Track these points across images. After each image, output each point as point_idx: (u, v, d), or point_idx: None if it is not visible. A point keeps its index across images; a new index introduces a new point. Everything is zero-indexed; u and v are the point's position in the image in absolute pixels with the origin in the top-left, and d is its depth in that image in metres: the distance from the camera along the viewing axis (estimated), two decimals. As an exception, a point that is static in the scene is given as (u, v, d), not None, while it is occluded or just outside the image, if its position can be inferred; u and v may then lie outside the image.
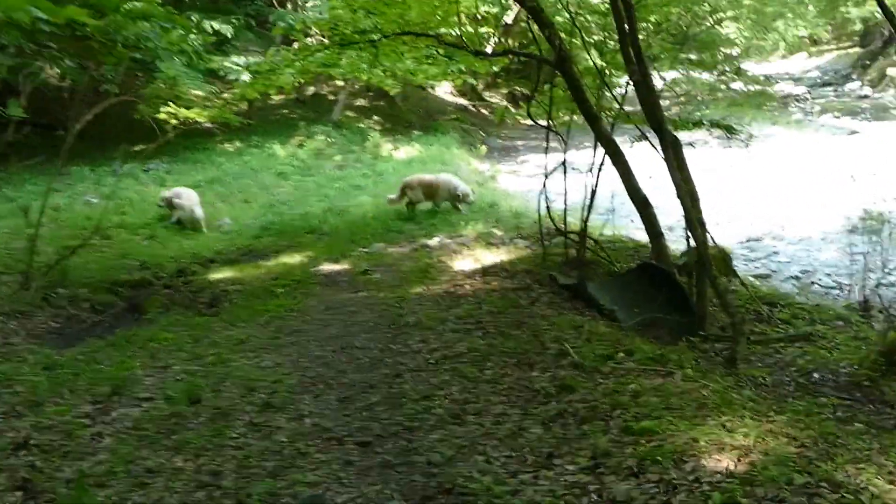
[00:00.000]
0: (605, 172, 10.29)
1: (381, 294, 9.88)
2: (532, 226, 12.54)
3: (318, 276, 11.20)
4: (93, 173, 19.04)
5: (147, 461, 5.52)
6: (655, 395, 5.68)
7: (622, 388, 5.88)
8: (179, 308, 10.40)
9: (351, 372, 7.32)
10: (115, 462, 5.50)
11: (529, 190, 17.94)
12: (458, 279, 10.07)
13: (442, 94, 28.89)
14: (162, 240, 14.18)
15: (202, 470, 5.36)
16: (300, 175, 18.72)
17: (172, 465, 5.48)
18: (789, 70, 37.30)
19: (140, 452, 5.68)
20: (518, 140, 25.93)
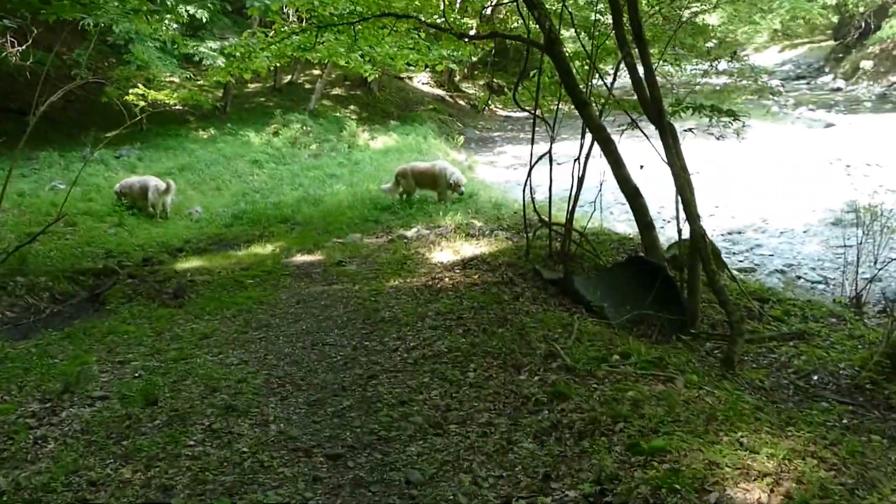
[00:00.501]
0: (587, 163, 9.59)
1: (355, 287, 9.17)
2: (513, 217, 11.88)
3: (290, 267, 10.47)
4: (62, 159, 18.13)
5: (91, 472, 4.82)
6: (658, 404, 5.03)
7: (620, 396, 5.22)
8: (143, 299, 9.64)
9: (322, 372, 6.62)
10: (55, 472, 4.79)
11: (507, 181, 17.33)
12: (436, 272, 9.38)
13: (419, 85, 28.18)
14: (129, 228, 13.38)
15: (151, 483, 4.66)
16: (275, 163, 17.92)
17: (119, 476, 4.77)
18: (762, 63, 36.83)
19: (85, 461, 4.97)
20: (495, 131, 25.29)
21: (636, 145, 9.25)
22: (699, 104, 7.97)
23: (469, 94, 28.70)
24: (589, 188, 9.70)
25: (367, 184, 15.09)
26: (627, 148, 9.32)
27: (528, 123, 27.05)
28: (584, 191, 9.86)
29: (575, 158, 9.25)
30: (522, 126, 26.27)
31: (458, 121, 25.32)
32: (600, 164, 9.36)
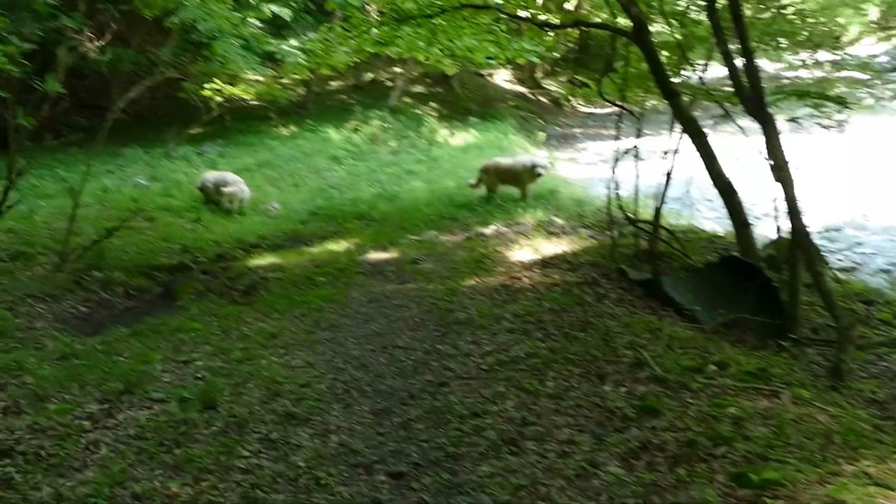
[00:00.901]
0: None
1: (429, 286, 8.67)
2: (595, 214, 11.21)
3: (363, 264, 10.03)
4: (146, 155, 18.13)
5: (138, 484, 4.44)
6: (764, 423, 4.37)
7: (719, 413, 4.56)
8: (214, 295, 9.35)
9: (390, 377, 6.14)
10: (100, 483, 4.43)
11: (589, 177, 16.56)
12: (514, 271, 8.81)
13: (501, 82, 27.55)
14: (207, 223, 13.16)
15: (199, 500, 4.23)
16: (353, 159, 17.57)
17: (166, 490, 4.38)
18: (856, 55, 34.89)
19: (134, 471, 4.60)
20: (577, 128, 24.48)
21: (723, 140, 8.51)
22: (805, 91, 7.20)
23: (551, 91, 27.97)
24: (674, 184, 8.96)
25: (445, 180, 14.59)
26: (714, 142, 8.57)
27: (610, 120, 26.13)
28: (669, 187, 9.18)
29: (664, 152, 8.52)
30: (604, 122, 25.33)
31: (539, 117, 24.59)
32: (687, 159, 8.68)
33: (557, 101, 27.54)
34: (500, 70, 28.27)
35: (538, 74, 28.55)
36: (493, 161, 13.06)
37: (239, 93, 12.34)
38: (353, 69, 26.19)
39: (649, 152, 9.38)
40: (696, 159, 8.54)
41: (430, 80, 25.79)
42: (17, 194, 14.97)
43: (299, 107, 22.53)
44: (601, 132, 23.28)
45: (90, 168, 11.91)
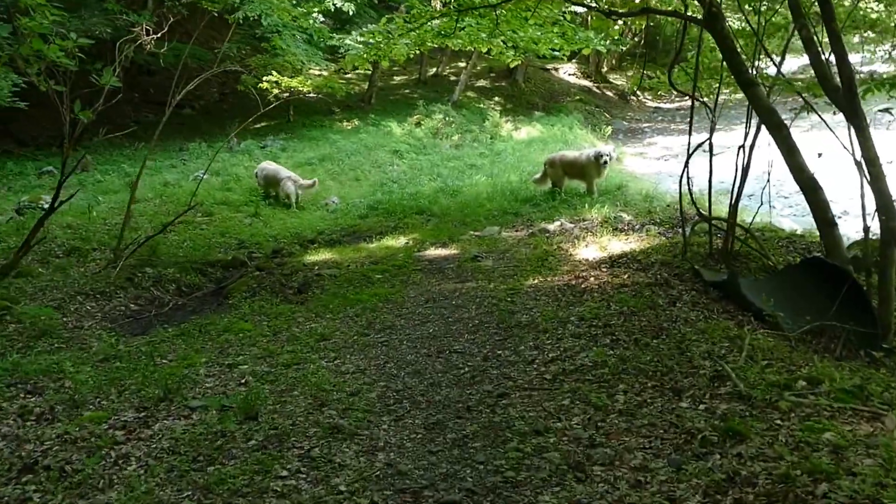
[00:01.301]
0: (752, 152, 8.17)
1: (490, 285, 8.14)
2: (665, 210, 10.53)
3: (421, 261, 9.56)
4: (210, 149, 17.96)
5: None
6: (868, 454, 3.74)
7: (815, 439, 3.94)
8: (266, 293, 8.97)
9: (446, 386, 5.63)
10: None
11: (658, 172, 15.85)
12: (580, 270, 8.22)
13: (565, 76, 26.85)
14: (265, 218, 12.87)
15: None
16: (415, 153, 17.15)
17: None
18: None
19: (161, 492, 4.17)
20: (644, 122, 23.65)
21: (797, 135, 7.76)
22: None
23: (617, 85, 27.12)
24: (747, 180, 8.26)
25: (508, 175, 14.05)
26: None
27: (678, 114, 25.39)
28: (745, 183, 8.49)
29: (739, 146, 7.84)
30: (673, 117, 24.51)
31: (605, 111, 23.86)
32: (762, 154, 8.00)
33: (624, 95, 26.69)
34: (564, 64, 27.57)
35: (604, 68, 27.72)
36: (558, 154, 12.47)
37: (296, 85, 11.94)
38: (417, 64, 25.84)
39: (720, 147, 8.70)
40: (771, 154, 7.83)
41: (493, 74, 25.24)
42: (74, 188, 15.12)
43: (362, 101, 22.24)
44: (669, 127, 22.48)
45: (146, 162, 11.67)
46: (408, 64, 27.97)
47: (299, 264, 10.00)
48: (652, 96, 28.08)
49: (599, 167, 11.77)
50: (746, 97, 7.27)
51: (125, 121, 21.34)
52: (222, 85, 25.24)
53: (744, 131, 8.28)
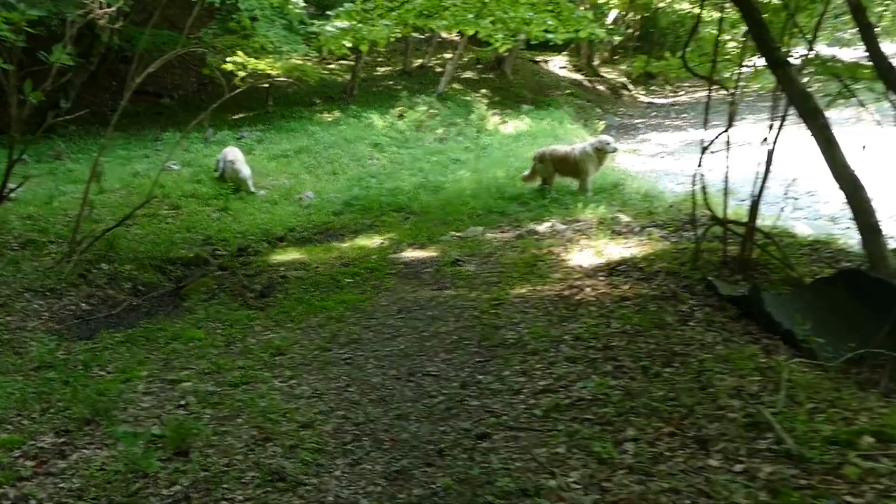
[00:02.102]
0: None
1: (472, 294, 7.15)
2: (668, 212, 9.56)
3: (396, 264, 8.54)
4: (185, 140, 16.84)
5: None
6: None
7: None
8: (226, 296, 7.98)
9: (416, 419, 4.65)
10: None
11: (653, 170, 14.87)
12: (575, 278, 7.24)
13: (555, 69, 25.83)
14: (234, 212, 11.81)
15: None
16: (396, 147, 16.08)
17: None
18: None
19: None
20: (637, 118, 22.69)
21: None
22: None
23: (609, 79, 26.15)
24: (750, 179, 7.31)
25: (494, 170, 13.02)
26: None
27: (673, 109, 24.50)
28: (743, 182, 7.52)
29: (763, 139, 6.86)
30: (667, 112, 23.57)
31: (596, 106, 22.88)
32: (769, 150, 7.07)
33: (616, 90, 25.72)
34: (555, 56, 26.61)
35: (595, 61, 26.75)
36: (548, 148, 11.44)
37: (264, 67, 10.88)
38: (401, 55, 24.82)
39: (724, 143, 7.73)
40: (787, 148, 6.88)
41: (481, 65, 24.22)
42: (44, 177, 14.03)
43: (344, 92, 21.18)
44: (664, 123, 21.57)
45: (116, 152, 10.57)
46: (392, 55, 26.92)
47: (265, 264, 8.98)
48: (645, 91, 27.15)
49: (598, 160, 10.80)
50: (777, 78, 6.24)
51: (103, 109, 20.35)
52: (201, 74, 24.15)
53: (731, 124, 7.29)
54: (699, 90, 28.29)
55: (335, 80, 23.65)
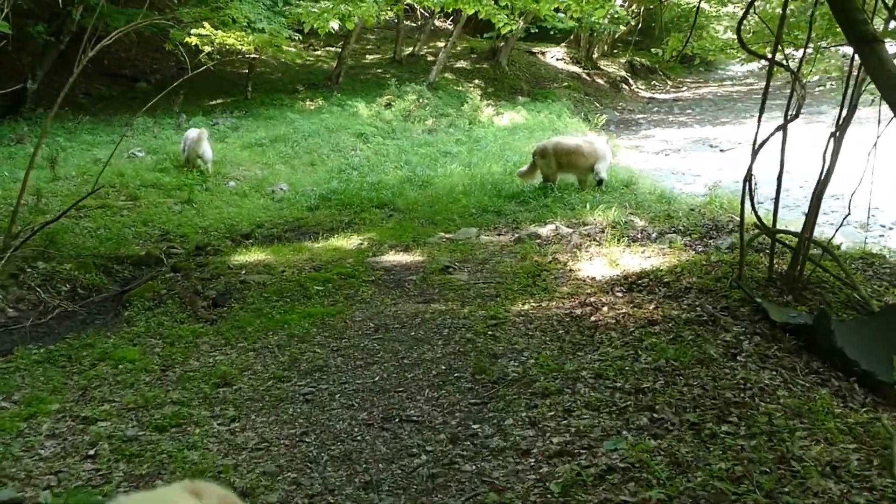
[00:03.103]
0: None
1: (464, 310, 5.97)
2: (689, 216, 8.39)
3: (376, 270, 7.33)
4: (157, 126, 15.58)
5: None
6: None
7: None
8: (173, 305, 6.77)
9: (389, 489, 3.48)
10: None
11: (657, 168, 13.72)
12: (587, 293, 6.07)
13: (552, 61, 24.62)
14: (199, 205, 10.57)
15: None
16: (382, 137, 14.83)
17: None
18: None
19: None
20: (637, 113, 21.53)
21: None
22: None
23: (609, 73, 24.96)
24: (766, 182, 6.20)
25: (489, 165, 11.82)
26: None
27: (676, 105, 23.33)
28: (760, 184, 6.37)
29: (831, 133, 5.68)
30: (670, 108, 22.40)
31: (595, 100, 21.70)
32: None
33: (616, 84, 24.54)
34: (552, 47, 25.43)
35: (595, 54, 25.57)
36: (552, 140, 10.23)
37: (233, 42, 9.68)
38: (392, 42, 23.59)
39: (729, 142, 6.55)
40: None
41: (475, 55, 23.02)
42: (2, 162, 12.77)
43: (329, 80, 19.92)
44: (667, 118, 20.43)
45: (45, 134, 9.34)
46: (382, 43, 25.69)
47: (224, 266, 7.75)
48: (645, 86, 25.99)
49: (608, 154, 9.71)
50: (861, 58, 5.02)
51: (75, 92, 19.13)
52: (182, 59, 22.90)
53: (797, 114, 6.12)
54: (702, 86, 27.30)
55: (320, 68, 22.40)
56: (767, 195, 10.83)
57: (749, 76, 29.89)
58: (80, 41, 19.47)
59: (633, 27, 26.32)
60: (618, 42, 28.11)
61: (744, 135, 17.18)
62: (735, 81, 28.64)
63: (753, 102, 22.53)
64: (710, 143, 16.53)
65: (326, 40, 25.18)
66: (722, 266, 6.12)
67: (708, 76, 31.04)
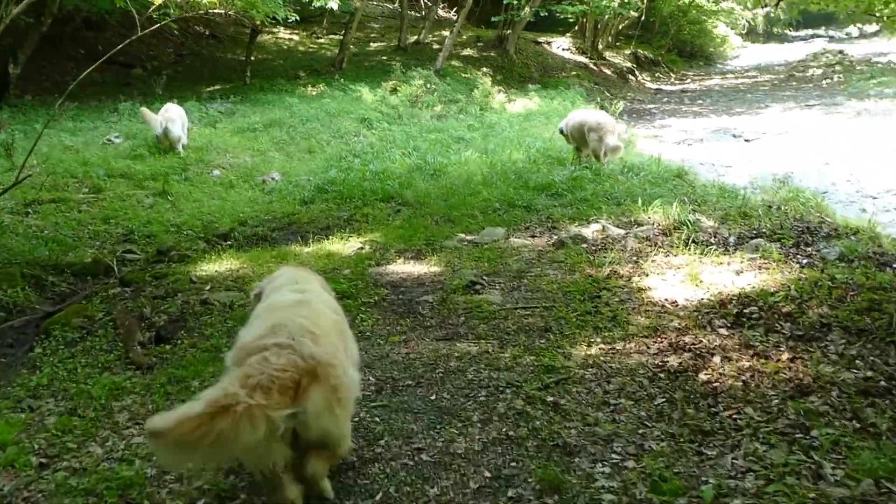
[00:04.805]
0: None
1: (506, 354, 3.83)
2: (769, 214, 6.20)
3: (380, 284, 5.16)
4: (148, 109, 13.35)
5: None
6: None
7: None
8: (105, 336, 4.62)
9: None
10: None
11: (683, 159, 11.47)
12: (675, 327, 3.95)
13: (559, 51, 22.36)
14: (175, 197, 8.42)
15: None
16: (388, 123, 12.59)
17: None
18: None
19: None
20: (648, 104, 19.30)
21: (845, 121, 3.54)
22: None
23: (615, 63, 22.73)
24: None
25: (509, 151, 9.61)
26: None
27: (686, 96, 21.11)
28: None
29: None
30: (680, 99, 20.16)
31: (604, 90, 19.47)
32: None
33: (623, 74, 22.29)
34: (557, 38, 23.19)
35: (600, 45, 23.28)
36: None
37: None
38: (396, 31, 21.38)
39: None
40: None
41: (481, 43, 20.75)
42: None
43: (332, 66, 17.68)
44: (680, 108, 18.21)
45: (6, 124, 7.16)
46: (387, 31, 23.44)
47: (185, 279, 5.59)
48: (650, 78, 23.70)
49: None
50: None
51: (65, 78, 16.97)
52: (180, 45, 20.70)
53: None
54: (705, 78, 25.08)
55: (323, 55, 20.13)
56: (814, 187, 8.88)
57: (750, 69, 27.77)
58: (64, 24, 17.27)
59: (637, 19, 24.10)
60: (619, 35, 25.82)
61: (764, 125, 15.19)
62: (738, 74, 26.42)
63: (763, 94, 20.45)
64: (733, 133, 14.41)
65: (329, 28, 22.98)
66: (861, 291, 3.97)
67: (709, 69, 28.89)
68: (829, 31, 39.83)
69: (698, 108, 17.98)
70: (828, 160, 11.06)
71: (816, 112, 16.24)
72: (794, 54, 30.77)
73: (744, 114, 16.50)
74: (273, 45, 21.10)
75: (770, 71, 26.30)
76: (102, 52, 18.85)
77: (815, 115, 15.83)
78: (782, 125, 14.68)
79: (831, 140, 12.72)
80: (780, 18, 37.97)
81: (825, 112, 16.13)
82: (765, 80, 23.54)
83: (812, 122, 15.10)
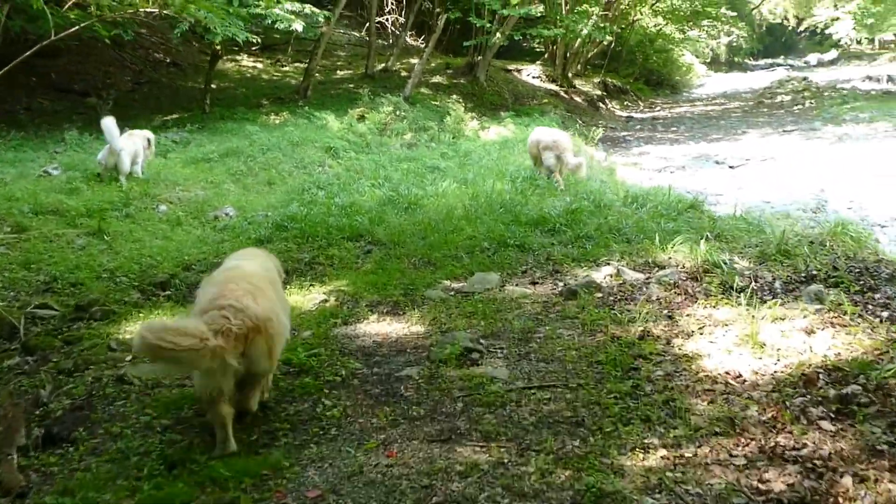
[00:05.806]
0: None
1: (528, 466, 2.62)
2: (814, 250, 5.07)
3: (348, 352, 3.91)
4: (96, 140, 11.97)
5: None
6: None
7: None
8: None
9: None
10: None
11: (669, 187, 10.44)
12: (756, 421, 2.77)
13: (529, 78, 21.42)
14: (113, 237, 7.09)
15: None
16: (355, 152, 11.37)
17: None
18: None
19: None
20: (621, 131, 18.39)
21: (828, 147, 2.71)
22: None
23: (585, 91, 21.86)
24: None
25: (491, 181, 8.44)
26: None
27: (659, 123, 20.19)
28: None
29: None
30: (653, 126, 19.28)
31: (576, 117, 18.53)
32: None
33: (594, 102, 21.40)
34: (528, 65, 22.28)
35: (570, 72, 22.39)
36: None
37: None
38: (363, 59, 20.32)
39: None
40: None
41: (451, 70, 19.72)
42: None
43: (297, 94, 16.47)
44: (654, 136, 17.31)
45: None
46: (353, 59, 22.29)
47: (103, 345, 4.30)
48: (619, 105, 22.86)
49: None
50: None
51: (16, 108, 15.60)
52: (138, 73, 19.31)
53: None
54: (674, 106, 24.33)
55: (288, 83, 18.91)
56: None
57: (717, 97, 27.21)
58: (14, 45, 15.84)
59: (605, 48, 23.34)
60: (588, 64, 25.02)
61: (746, 151, 14.37)
62: (706, 101, 25.80)
63: (736, 119, 19.76)
64: (716, 160, 13.55)
65: (294, 55, 21.79)
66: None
67: (676, 97, 28.30)
68: (789, 60, 39.86)
69: (673, 135, 17.09)
70: (822, 186, 10.19)
71: (796, 137, 15.47)
72: (758, 82, 30.41)
73: (722, 140, 15.65)
74: (236, 73, 19.82)
75: (738, 98, 25.73)
76: (55, 79, 17.54)
77: (795, 141, 15.05)
78: (765, 151, 13.84)
79: (820, 166, 11.89)
80: (742, 48, 37.73)
81: (805, 137, 15.35)
82: (734, 106, 22.89)
83: (794, 147, 14.31)
